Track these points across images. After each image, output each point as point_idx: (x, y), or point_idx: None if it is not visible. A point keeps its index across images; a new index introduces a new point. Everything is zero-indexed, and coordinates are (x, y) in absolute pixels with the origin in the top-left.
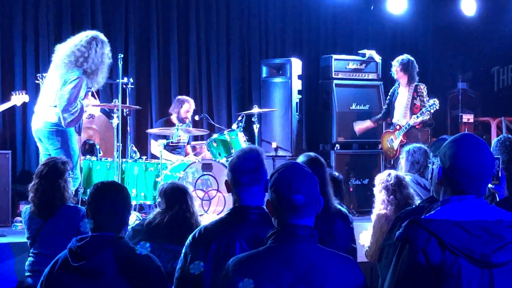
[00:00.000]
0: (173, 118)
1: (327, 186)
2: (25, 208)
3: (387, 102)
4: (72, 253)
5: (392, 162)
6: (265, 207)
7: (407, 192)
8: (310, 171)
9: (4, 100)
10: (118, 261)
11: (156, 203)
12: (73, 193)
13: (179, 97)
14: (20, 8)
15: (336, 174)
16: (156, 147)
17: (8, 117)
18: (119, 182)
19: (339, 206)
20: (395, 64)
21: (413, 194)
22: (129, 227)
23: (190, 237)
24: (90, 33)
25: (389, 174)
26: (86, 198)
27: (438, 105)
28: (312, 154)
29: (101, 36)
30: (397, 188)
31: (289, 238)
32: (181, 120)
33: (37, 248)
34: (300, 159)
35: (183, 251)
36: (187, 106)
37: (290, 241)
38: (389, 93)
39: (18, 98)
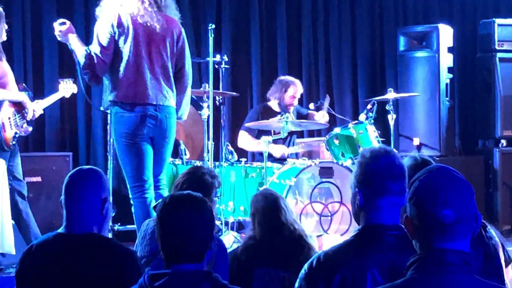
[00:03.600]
0: (273, 104)
1: None
2: (148, 221)
3: None
4: None
5: None
6: (403, 226)
7: None
8: (463, 178)
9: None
10: None
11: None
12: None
13: (282, 77)
14: None
15: None
16: (247, 140)
17: (67, 113)
18: (196, 194)
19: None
20: None
21: None
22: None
23: (305, 266)
24: None
25: None
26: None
27: None
28: (416, 155)
29: None
30: None
31: (436, 268)
32: (285, 109)
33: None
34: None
35: (297, 285)
36: (293, 90)
37: (438, 271)
38: None
39: (66, 88)
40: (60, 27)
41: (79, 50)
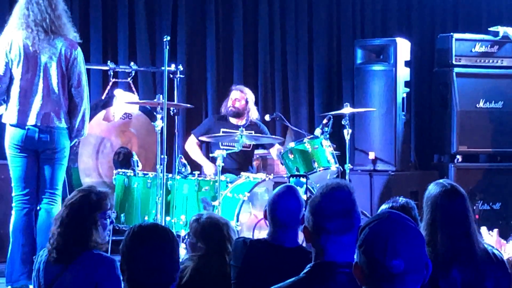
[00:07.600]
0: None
1: (472, 224)
2: (42, 251)
3: None
4: None
5: None
6: None
7: None
8: (414, 225)
9: None
10: None
11: (187, 244)
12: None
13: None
14: None
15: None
16: (193, 144)
17: None
18: (163, 224)
19: (489, 247)
20: None
21: None
22: None
23: None
24: None
25: None
26: (119, 225)
27: None
28: (446, 182)
29: None
30: None
31: None
32: (237, 115)
33: None
34: (431, 188)
35: None
36: (234, 94)
37: None
38: None
39: None
40: None
41: None
